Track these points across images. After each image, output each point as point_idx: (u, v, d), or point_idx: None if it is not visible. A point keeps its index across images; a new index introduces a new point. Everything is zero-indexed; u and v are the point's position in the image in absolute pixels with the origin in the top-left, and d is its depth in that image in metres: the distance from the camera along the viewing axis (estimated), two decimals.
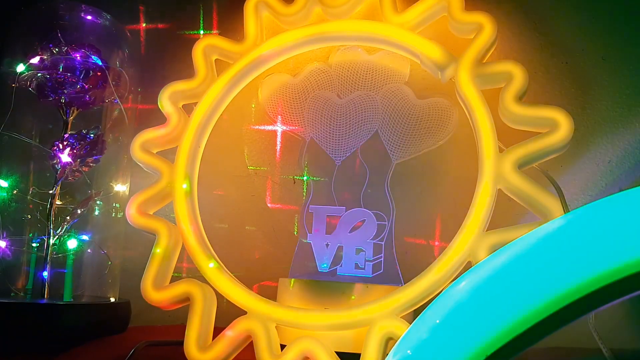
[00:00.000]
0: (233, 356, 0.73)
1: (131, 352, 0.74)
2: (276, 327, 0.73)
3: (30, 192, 0.91)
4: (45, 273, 0.86)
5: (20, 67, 0.90)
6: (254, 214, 0.96)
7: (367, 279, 0.79)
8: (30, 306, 0.81)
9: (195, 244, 0.79)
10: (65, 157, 0.88)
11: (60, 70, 0.89)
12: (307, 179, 0.86)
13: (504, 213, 0.76)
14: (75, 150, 0.88)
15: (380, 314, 0.69)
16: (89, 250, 0.92)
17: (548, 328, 0.27)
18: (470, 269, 0.33)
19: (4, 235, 0.88)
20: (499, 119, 0.75)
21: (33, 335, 0.78)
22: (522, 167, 0.71)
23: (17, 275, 0.89)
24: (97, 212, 0.94)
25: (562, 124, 0.70)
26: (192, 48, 0.87)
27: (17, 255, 0.89)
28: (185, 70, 0.90)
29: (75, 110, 0.91)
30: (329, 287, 0.77)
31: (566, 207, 0.68)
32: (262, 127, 0.98)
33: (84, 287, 0.92)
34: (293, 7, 0.87)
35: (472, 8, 0.80)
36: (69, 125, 0.90)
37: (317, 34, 0.86)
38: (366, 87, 0.87)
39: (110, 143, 0.95)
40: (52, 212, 0.88)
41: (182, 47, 0.98)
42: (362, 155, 0.85)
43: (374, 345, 0.68)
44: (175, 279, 0.78)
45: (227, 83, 0.86)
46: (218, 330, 0.74)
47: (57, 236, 0.88)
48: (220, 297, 0.77)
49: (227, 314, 0.75)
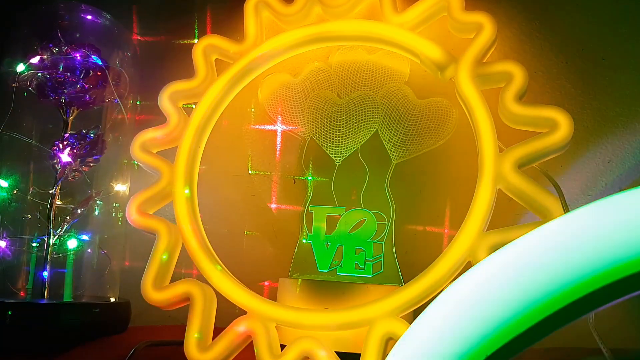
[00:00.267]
0: (233, 356, 0.73)
1: (131, 352, 0.74)
2: (276, 327, 0.73)
3: (30, 192, 0.91)
4: (45, 273, 0.86)
5: (20, 67, 0.90)
6: (254, 214, 0.96)
7: (367, 279, 0.79)
8: (30, 306, 0.81)
9: (195, 244, 0.79)
10: (65, 157, 0.88)
11: (60, 70, 0.89)
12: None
13: (504, 213, 0.76)
14: (75, 150, 0.88)
15: (380, 314, 0.69)
16: (89, 250, 0.92)
17: (548, 328, 0.27)
18: (470, 268, 0.33)
19: (4, 235, 0.88)
20: (499, 119, 0.75)
21: (33, 335, 0.78)
22: (522, 167, 0.71)
23: (17, 275, 0.89)
24: (97, 212, 0.94)
25: (562, 124, 0.70)
26: (189, 51, 0.87)
27: (17, 255, 0.89)
28: (185, 70, 0.90)
29: (75, 110, 0.91)
30: (329, 287, 0.77)
31: (566, 207, 0.68)
32: (262, 127, 0.98)
33: (84, 287, 0.92)
34: (293, 7, 0.87)
35: (472, 8, 0.80)
36: (69, 125, 0.90)
37: (317, 34, 0.86)
38: (366, 87, 0.88)
39: (110, 143, 0.95)
40: (52, 212, 0.88)
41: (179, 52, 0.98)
42: (362, 155, 0.85)
43: (374, 345, 0.68)
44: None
45: (227, 83, 0.86)
46: (218, 330, 0.74)
47: (57, 236, 0.88)
48: (220, 297, 0.77)
49: (227, 314, 0.75)
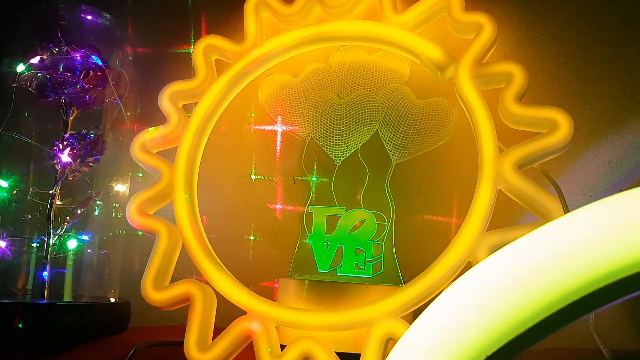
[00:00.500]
0: (233, 356, 0.73)
1: (131, 352, 0.74)
2: (276, 327, 0.73)
3: (30, 192, 0.91)
4: (45, 273, 0.86)
5: (20, 67, 0.90)
6: (254, 214, 0.96)
7: (367, 279, 0.79)
8: (30, 306, 0.81)
9: (195, 244, 0.79)
10: (65, 157, 0.88)
11: (60, 70, 0.89)
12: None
13: (504, 213, 0.76)
14: (75, 150, 0.88)
15: (380, 314, 0.69)
16: (89, 250, 0.92)
17: (548, 328, 0.27)
18: (470, 269, 0.33)
19: (4, 235, 0.88)
20: (499, 119, 0.75)
21: (33, 335, 0.78)
22: (522, 167, 0.71)
23: (17, 275, 0.89)
24: (97, 212, 0.94)
25: (562, 124, 0.70)
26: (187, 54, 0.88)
27: (17, 255, 0.89)
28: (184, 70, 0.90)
29: (75, 110, 0.91)
30: (329, 287, 0.77)
31: (566, 208, 0.68)
32: (262, 127, 0.98)
33: (84, 287, 0.92)
34: (293, 7, 0.87)
35: (472, 8, 0.80)
36: (69, 125, 0.90)
37: (317, 34, 0.86)
38: (366, 87, 0.88)
39: (110, 143, 0.95)
40: (52, 213, 0.88)
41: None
42: (362, 155, 0.85)
43: (374, 345, 0.68)
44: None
45: (227, 83, 0.86)
46: (218, 330, 0.74)
47: (57, 236, 0.88)
48: (220, 297, 0.77)
49: (227, 314, 0.75)
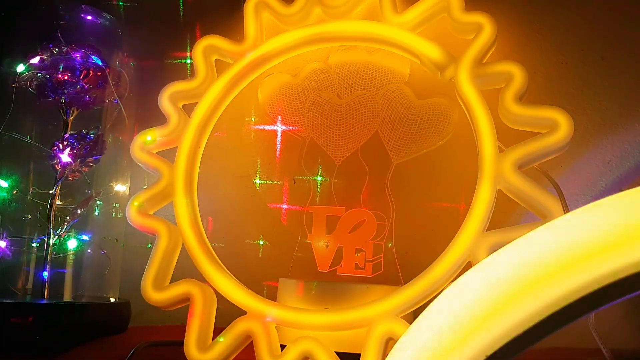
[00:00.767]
0: (233, 356, 0.73)
1: (131, 352, 0.74)
2: (276, 327, 0.73)
3: (30, 192, 0.91)
4: (45, 273, 0.86)
5: (20, 67, 0.90)
6: (254, 214, 0.96)
7: (367, 279, 0.79)
8: (30, 306, 0.81)
9: (195, 244, 0.79)
10: (65, 157, 0.88)
11: (60, 70, 0.89)
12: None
13: (504, 213, 0.76)
14: (75, 150, 0.88)
15: (380, 314, 0.69)
16: (89, 250, 0.92)
17: (548, 328, 0.27)
18: (470, 269, 0.33)
19: (4, 235, 0.88)
20: (499, 119, 0.75)
21: (33, 335, 0.78)
22: (522, 167, 0.71)
23: (17, 275, 0.89)
24: (97, 212, 0.94)
25: (562, 124, 0.70)
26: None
27: (17, 255, 0.89)
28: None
29: (75, 110, 0.91)
30: (329, 287, 0.77)
31: (566, 207, 0.68)
32: (262, 127, 0.98)
33: (83, 287, 0.92)
34: (293, 7, 0.87)
35: (472, 8, 0.80)
36: (69, 125, 0.90)
37: (317, 34, 0.86)
38: (366, 87, 0.87)
39: (110, 143, 0.95)
40: (52, 213, 0.88)
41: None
42: (362, 155, 0.85)
43: (374, 345, 0.68)
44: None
45: (227, 83, 0.86)
46: (218, 330, 0.74)
47: (57, 236, 0.88)
48: (220, 297, 0.77)
49: (227, 314, 0.75)
